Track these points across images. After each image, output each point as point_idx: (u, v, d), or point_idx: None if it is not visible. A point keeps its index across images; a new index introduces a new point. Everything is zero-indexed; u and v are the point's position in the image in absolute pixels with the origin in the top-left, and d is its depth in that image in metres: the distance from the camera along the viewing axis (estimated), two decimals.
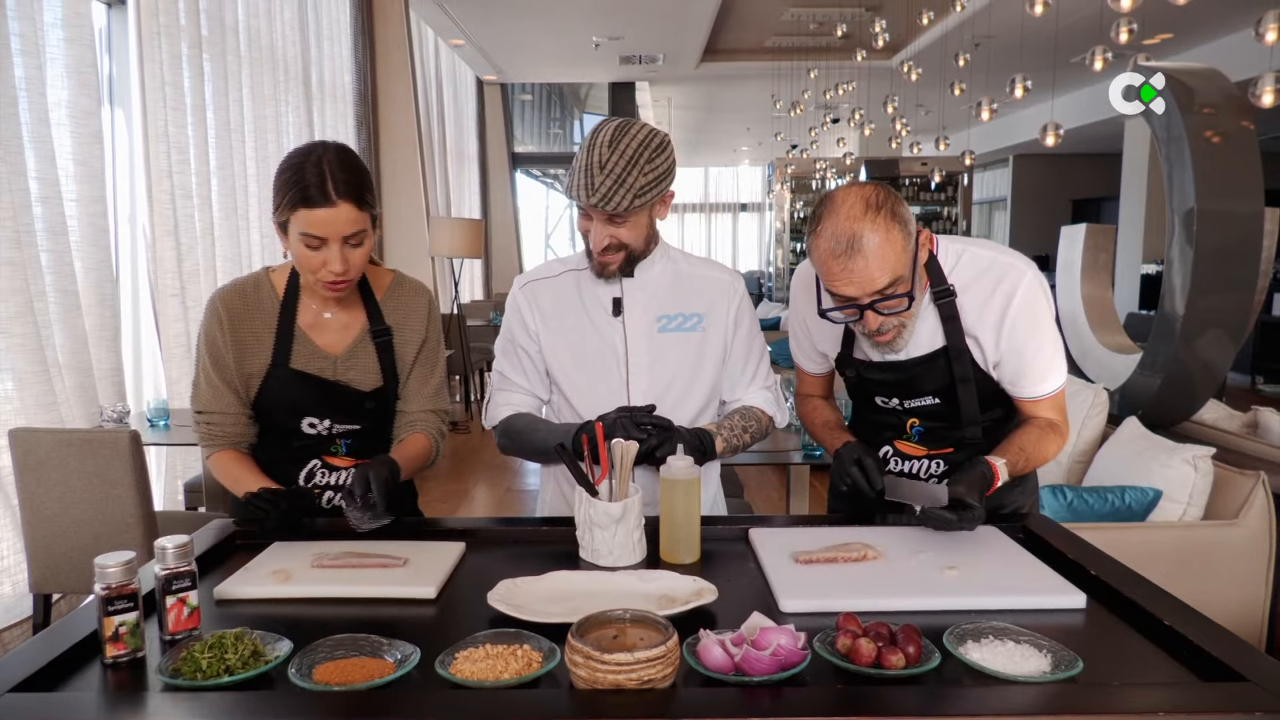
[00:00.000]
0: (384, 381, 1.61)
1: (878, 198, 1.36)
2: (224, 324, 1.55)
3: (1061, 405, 1.60)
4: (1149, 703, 0.91)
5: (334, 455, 1.62)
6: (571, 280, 1.67)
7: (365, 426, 1.62)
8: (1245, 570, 2.46)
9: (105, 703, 0.96)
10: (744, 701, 0.92)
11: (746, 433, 1.66)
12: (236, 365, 1.55)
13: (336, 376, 1.58)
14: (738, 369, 1.71)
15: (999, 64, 7.69)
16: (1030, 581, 1.26)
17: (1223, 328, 3.51)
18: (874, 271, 1.34)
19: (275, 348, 1.55)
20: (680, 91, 11.55)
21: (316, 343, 1.58)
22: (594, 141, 1.49)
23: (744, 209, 20.83)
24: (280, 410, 1.57)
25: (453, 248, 6.37)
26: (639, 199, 1.48)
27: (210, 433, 1.57)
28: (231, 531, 1.48)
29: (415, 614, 1.20)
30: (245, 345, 1.56)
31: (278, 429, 1.59)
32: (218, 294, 1.57)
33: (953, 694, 0.95)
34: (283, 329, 1.56)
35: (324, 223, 1.42)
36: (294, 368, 1.56)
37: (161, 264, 3.76)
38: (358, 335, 1.61)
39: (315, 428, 1.58)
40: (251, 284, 1.59)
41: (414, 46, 6.93)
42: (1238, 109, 3.53)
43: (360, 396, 1.59)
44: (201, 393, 1.57)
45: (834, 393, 1.88)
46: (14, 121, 2.84)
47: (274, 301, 1.58)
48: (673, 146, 1.56)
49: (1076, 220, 11.77)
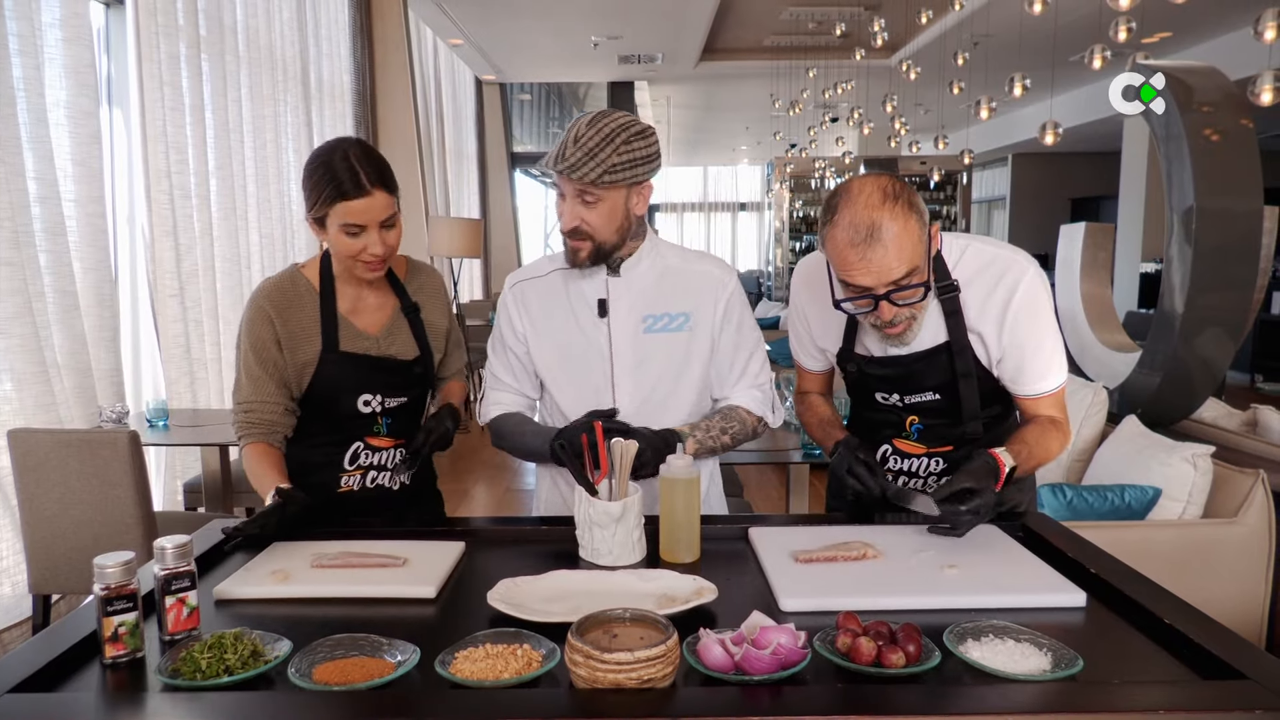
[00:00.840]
0: (420, 351, 1.73)
1: (894, 187, 1.36)
2: (272, 319, 1.62)
3: (1062, 403, 1.59)
4: (1149, 701, 0.91)
5: (376, 435, 1.70)
6: (559, 279, 1.67)
7: (409, 399, 1.73)
8: (1245, 568, 2.46)
9: (104, 703, 0.96)
10: (744, 701, 0.92)
11: (726, 434, 1.63)
12: (290, 357, 1.63)
13: (381, 352, 1.68)
14: (725, 366, 1.67)
15: (998, 63, 7.69)
16: (1030, 580, 1.26)
17: (1222, 326, 3.51)
18: (892, 261, 1.34)
19: (324, 334, 1.64)
20: (679, 91, 11.55)
21: (357, 325, 1.68)
22: (577, 121, 1.51)
23: (743, 208, 20.82)
24: (338, 391, 1.65)
25: (452, 247, 6.37)
26: (609, 175, 1.47)
27: (248, 420, 1.62)
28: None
29: (415, 613, 1.20)
30: (296, 337, 1.64)
31: (334, 411, 1.66)
32: (260, 293, 1.65)
33: (953, 693, 0.95)
34: (326, 316, 1.65)
35: (362, 211, 1.53)
36: (344, 350, 1.65)
37: (160, 264, 3.75)
38: (392, 314, 1.72)
39: (370, 404, 1.67)
40: (289, 280, 1.67)
41: (413, 46, 6.92)
42: (1237, 107, 3.53)
43: (407, 365, 1.70)
44: (242, 387, 1.64)
45: (833, 391, 1.88)
46: (12, 122, 2.83)
47: (312, 293, 1.67)
48: (657, 141, 1.56)
49: (1075, 219, 11.78)
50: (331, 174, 1.52)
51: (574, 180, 1.49)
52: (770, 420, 1.71)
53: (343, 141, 1.58)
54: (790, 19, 8.39)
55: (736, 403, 1.68)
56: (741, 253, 20.78)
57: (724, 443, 1.63)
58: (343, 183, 1.51)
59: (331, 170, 1.52)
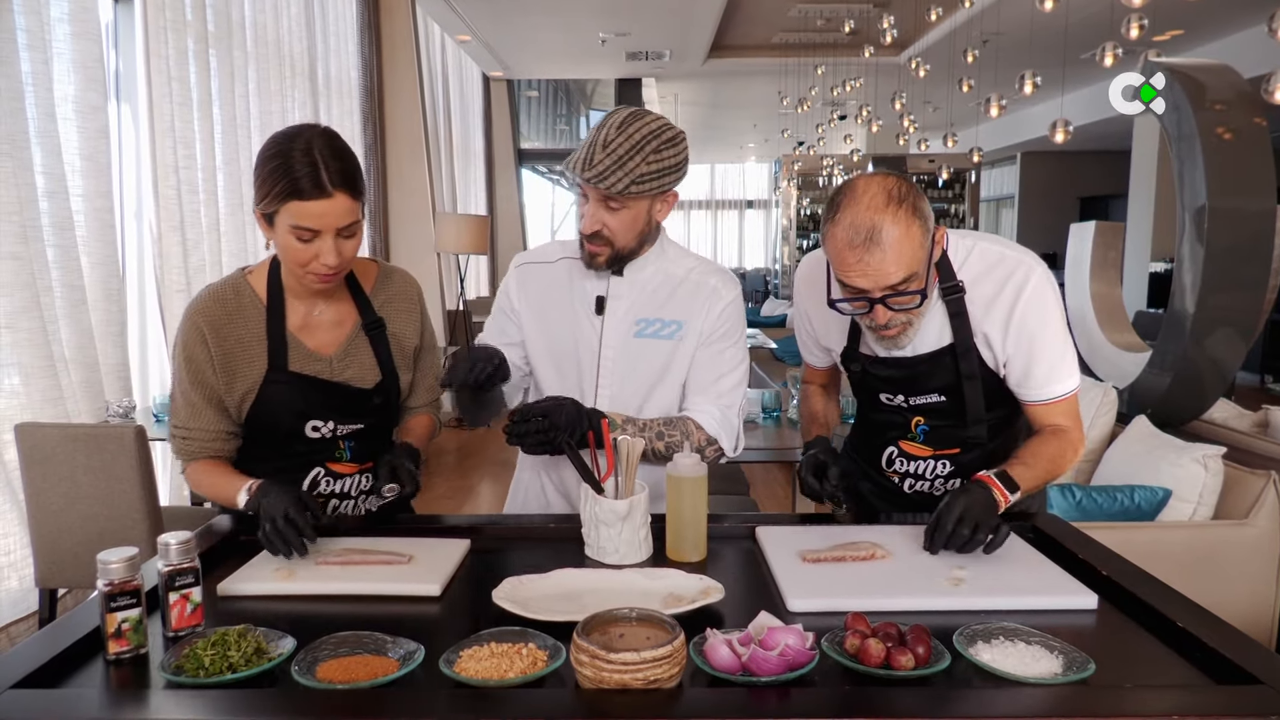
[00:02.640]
0: (383, 376, 1.56)
1: (900, 190, 1.32)
2: (206, 338, 1.45)
3: (1074, 411, 1.51)
4: (1162, 706, 0.89)
5: (337, 461, 1.55)
6: (565, 269, 1.64)
7: (369, 425, 1.57)
8: (1256, 570, 2.44)
9: (108, 700, 0.95)
10: (751, 702, 0.91)
11: (662, 439, 1.54)
12: (226, 379, 1.46)
13: (335, 377, 1.51)
14: (695, 377, 1.60)
15: (1007, 60, 7.65)
16: (1040, 582, 1.24)
17: (1233, 326, 3.48)
18: (890, 265, 1.31)
19: (270, 353, 1.47)
20: (687, 88, 11.52)
21: (308, 345, 1.51)
22: (605, 123, 1.46)
23: (750, 206, 20.77)
24: (282, 416, 1.49)
25: (458, 244, 6.36)
26: (636, 185, 1.44)
27: (187, 448, 1.49)
28: (234, 528, 1.48)
29: (419, 611, 1.19)
30: (233, 356, 1.46)
31: (278, 436, 1.51)
32: (194, 306, 1.47)
33: (964, 695, 0.94)
34: (273, 333, 1.48)
35: (318, 215, 1.34)
36: (293, 370, 1.49)
37: (167, 259, 3.76)
38: (350, 332, 1.54)
39: (319, 430, 1.52)
40: (231, 291, 1.49)
41: (420, 42, 6.92)
42: (1250, 106, 3.50)
43: (363, 394, 1.54)
44: (179, 409, 1.49)
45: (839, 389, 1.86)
46: (21, 116, 2.83)
47: (258, 306, 1.48)
48: (686, 146, 1.51)
49: (1084, 218, 11.71)
50: (288, 167, 1.32)
51: (600, 189, 1.45)
52: (724, 445, 1.60)
53: (307, 130, 1.37)
54: (799, 16, 8.36)
55: (691, 415, 1.59)
56: (748, 251, 20.74)
57: (656, 448, 1.53)
58: (299, 179, 1.31)
59: (288, 163, 1.32)
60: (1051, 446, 1.48)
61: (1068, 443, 1.49)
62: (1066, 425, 1.51)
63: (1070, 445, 1.49)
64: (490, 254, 10.02)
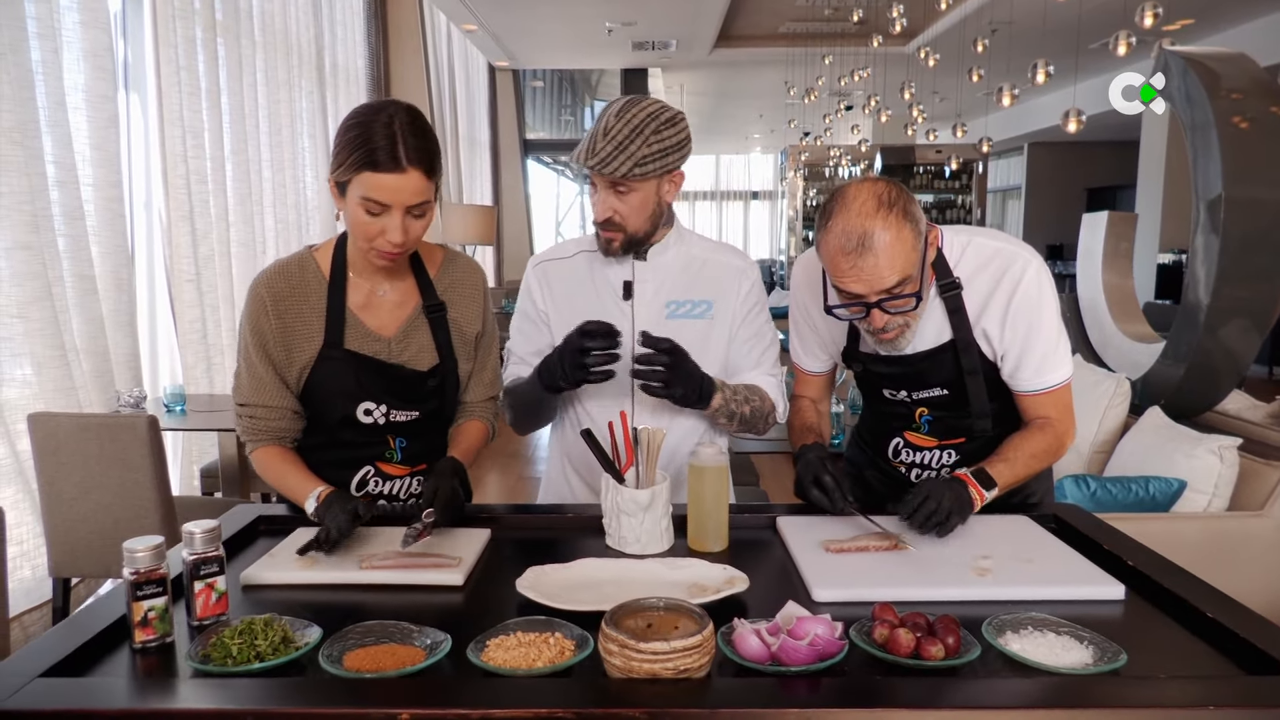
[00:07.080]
0: (440, 359, 1.53)
1: (890, 195, 1.33)
2: (269, 309, 1.44)
3: (1065, 403, 1.53)
4: (1196, 696, 0.89)
5: (388, 462, 1.53)
6: (584, 261, 1.66)
7: (423, 414, 1.53)
8: (1273, 561, 2.43)
9: (135, 688, 0.95)
10: (781, 692, 0.90)
11: (748, 404, 1.59)
12: (285, 352, 1.45)
13: (392, 358, 1.49)
14: (742, 353, 1.66)
15: (1017, 50, 7.59)
16: (1066, 572, 1.24)
17: (1248, 317, 3.45)
18: (883, 270, 1.33)
19: (327, 329, 1.46)
20: (693, 78, 11.47)
21: (368, 325, 1.49)
22: (606, 111, 1.49)
23: (755, 197, 20.72)
24: (335, 395, 1.47)
25: (464, 234, 6.35)
26: (639, 168, 1.46)
27: (253, 426, 1.47)
28: (256, 516, 1.47)
29: (443, 600, 1.19)
30: (293, 330, 1.45)
31: (330, 419, 1.49)
32: (261, 277, 1.47)
33: (996, 686, 0.93)
34: (333, 308, 1.47)
35: (390, 189, 1.33)
36: (349, 348, 1.47)
37: (177, 249, 3.75)
38: (411, 314, 1.52)
39: (371, 415, 1.48)
40: (296, 265, 1.49)
41: (426, 32, 6.90)
42: (1266, 94, 3.46)
43: (420, 377, 1.51)
44: (243, 384, 1.48)
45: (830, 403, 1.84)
46: (31, 106, 2.83)
47: (320, 281, 1.48)
48: (687, 125, 1.53)
49: (1091, 209, 11.65)
50: (366, 137, 1.31)
51: (605, 175, 1.48)
52: (780, 409, 1.68)
53: (391, 104, 1.37)
54: (806, 5, 8.31)
55: (758, 384, 1.66)
56: (754, 242, 20.69)
57: (743, 413, 1.59)
58: (376, 150, 1.31)
59: (368, 134, 1.31)
60: (1036, 441, 1.50)
61: (1054, 435, 1.52)
62: (1056, 417, 1.52)
63: (1058, 438, 1.52)
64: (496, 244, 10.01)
